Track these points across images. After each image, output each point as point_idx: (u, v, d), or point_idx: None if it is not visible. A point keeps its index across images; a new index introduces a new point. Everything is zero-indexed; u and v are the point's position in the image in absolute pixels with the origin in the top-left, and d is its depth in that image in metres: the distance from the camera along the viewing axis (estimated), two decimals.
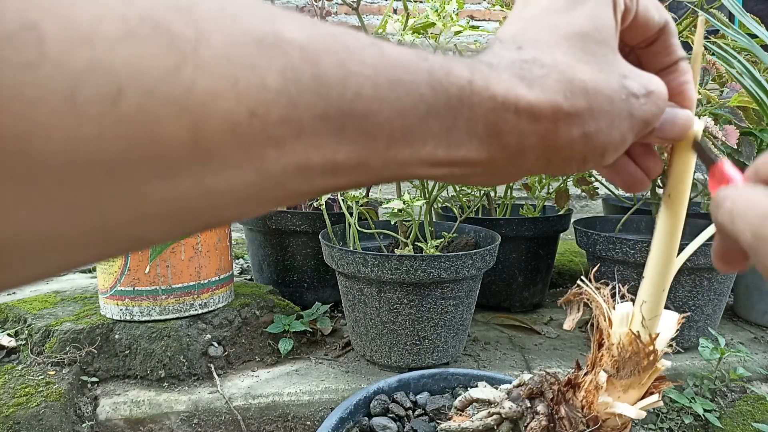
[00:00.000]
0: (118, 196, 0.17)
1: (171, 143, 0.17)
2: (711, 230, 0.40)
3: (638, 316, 0.39)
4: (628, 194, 1.64)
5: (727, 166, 0.32)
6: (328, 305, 1.41)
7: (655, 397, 0.41)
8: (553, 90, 0.26)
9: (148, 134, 0.17)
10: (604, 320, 0.40)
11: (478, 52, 0.27)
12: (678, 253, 0.38)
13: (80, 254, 0.19)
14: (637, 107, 0.28)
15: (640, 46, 0.34)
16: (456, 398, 0.66)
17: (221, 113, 0.18)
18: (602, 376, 0.41)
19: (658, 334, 0.39)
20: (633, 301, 0.40)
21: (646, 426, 1.15)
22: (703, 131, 1.08)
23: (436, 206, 1.60)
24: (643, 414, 0.41)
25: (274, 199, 0.22)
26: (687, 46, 1.54)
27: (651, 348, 0.39)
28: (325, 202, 1.24)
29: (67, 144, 0.16)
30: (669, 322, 0.42)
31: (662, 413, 1.16)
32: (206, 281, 1.22)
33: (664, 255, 0.37)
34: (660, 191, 1.17)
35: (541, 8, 0.30)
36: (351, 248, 1.21)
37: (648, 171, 0.35)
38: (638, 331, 0.39)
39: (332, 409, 0.93)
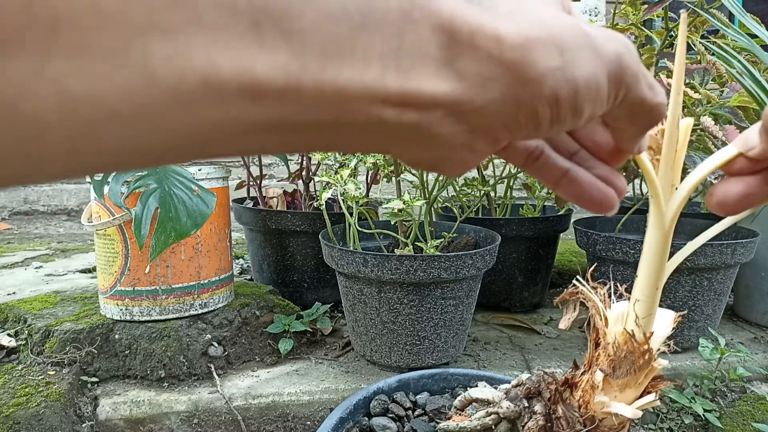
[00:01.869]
0: None
1: None
2: (711, 232, 0.40)
3: (632, 314, 0.39)
4: (628, 194, 1.64)
5: None
6: (328, 305, 1.42)
7: (651, 397, 0.41)
8: (507, 16, 0.23)
9: None
10: (600, 319, 0.40)
11: None
12: (676, 252, 0.38)
13: None
14: (599, 43, 0.25)
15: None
16: (456, 398, 0.66)
17: None
18: (598, 376, 0.41)
19: (652, 333, 0.39)
20: (630, 300, 0.40)
21: (646, 426, 1.15)
22: (703, 131, 1.08)
23: (436, 206, 1.60)
24: (640, 414, 0.41)
25: (181, 130, 0.17)
26: (688, 46, 1.54)
27: (646, 347, 0.39)
28: (325, 202, 1.24)
29: None
30: (665, 321, 0.42)
31: (662, 413, 1.16)
32: (206, 281, 1.22)
33: (656, 253, 0.37)
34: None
35: None
36: (351, 248, 1.21)
37: (615, 187, 0.31)
38: (632, 330, 0.39)
39: (332, 409, 0.93)
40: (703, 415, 1.11)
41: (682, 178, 0.36)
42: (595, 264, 1.31)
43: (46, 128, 0.15)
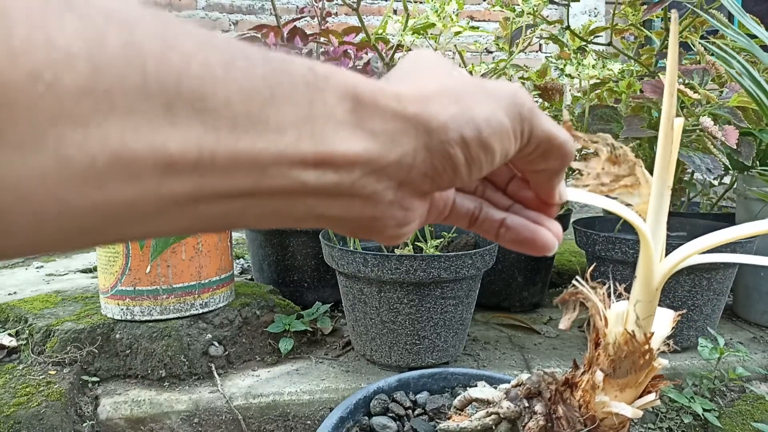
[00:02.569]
0: None
1: None
2: (719, 236, 0.40)
3: (632, 315, 0.39)
4: None
5: None
6: (329, 305, 1.42)
7: (652, 396, 0.41)
8: (404, 81, 0.26)
9: None
10: (600, 319, 0.41)
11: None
12: (674, 251, 0.38)
13: None
14: (492, 87, 0.27)
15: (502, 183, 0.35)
16: (455, 398, 0.66)
17: None
18: (599, 376, 0.41)
19: (653, 333, 0.39)
20: (630, 300, 0.41)
21: (645, 425, 1.15)
22: (703, 131, 1.08)
23: None
24: (640, 413, 0.41)
25: (99, 211, 0.18)
26: (687, 47, 1.54)
27: (646, 347, 0.39)
28: None
29: None
30: (664, 321, 0.42)
31: (661, 413, 1.16)
32: (207, 281, 1.22)
33: (653, 253, 0.37)
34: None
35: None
36: (351, 248, 1.21)
37: (549, 229, 0.35)
38: (633, 330, 0.39)
39: (332, 408, 0.93)
40: (703, 414, 1.11)
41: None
42: (594, 264, 1.31)
43: None
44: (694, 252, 0.39)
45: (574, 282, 0.41)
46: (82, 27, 0.16)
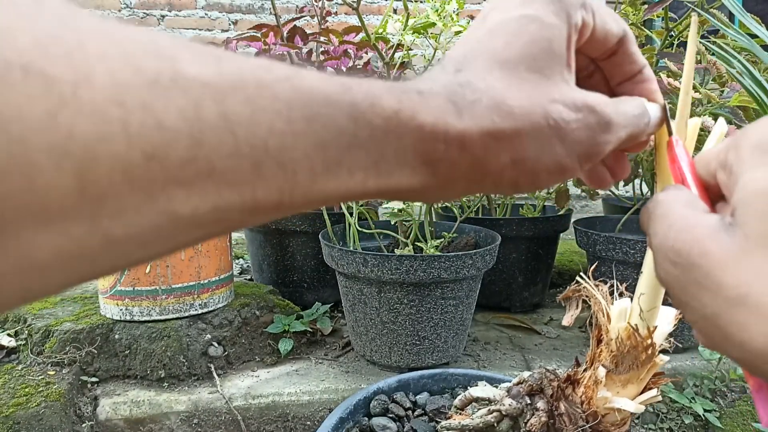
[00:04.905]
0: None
1: (54, 190, 0.17)
2: None
3: (636, 309, 0.39)
4: (628, 194, 1.64)
5: (678, 147, 0.32)
6: (328, 305, 1.41)
7: (654, 392, 0.41)
8: (481, 116, 0.26)
9: (26, 183, 0.16)
10: (603, 316, 0.40)
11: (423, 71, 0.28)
12: None
13: None
14: (567, 132, 0.28)
15: (601, 58, 0.34)
16: (455, 398, 0.66)
17: (110, 157, 0.17)
18: (601, 371, 0.41)
19: (656, 327, 0.39)
20: (632, 298, 0.40)
21: (646, 426, 1.15)
22: (703, 130, 1.08)
23: (436, 206, 1.60)
24: (642, 408, 0.41)
25: (193, 239, 0.22)
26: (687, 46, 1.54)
27: (649, 341, 0.39)
28: None
29: None
30: (667, 317, 0.42)
31: (662, 413, 1.16)
32: (206, 281, 1.22)
33: None
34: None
35: (487, 29, 0.29)
36: (351, 248, 1.21)
37: (614, 173, 0.35)
38: (636, 324, 0.39)
39: (332, 409, 0.93)
40: (703, 415, 1.11)
41: None
42: (596, 264, 1.31)
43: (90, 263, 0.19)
44: None
45: (577, 279, 0.41)
46: (184, 103, 0.19)
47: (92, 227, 0.18)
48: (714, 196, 0.29)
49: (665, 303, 0.41)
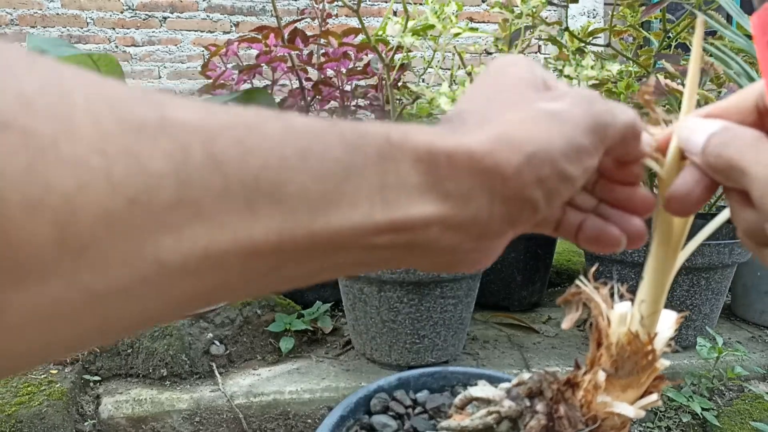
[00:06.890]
0: None
1: (29, 245, 0.16)
2: (709, 229, 0.40)
3: (637, 315, 0.39)
4: None
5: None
6: (329, 304, 1.42)
7: (654, 397, 0.42)
8: (475, 129, 0.26)
9: (3, 238, 0.16)
10: (603, 320, 0.41)
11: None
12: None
13: None
14: (567, 112, 0.27)
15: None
16: (455, 396, 0.66)
17: (91, 205, 0.17)
18: (601, 376, 0.41)
19: (656, 334, 0.40)
20: (632, 300, 0.41)
21: (644, 424, 1.16)
22: None
23: None
24: (642, 413, 0.42)
25: (190, 292, 0.20)
26: (686, 48, 1.54)
27: (650, 347, 0.39)
28: None
29: None
30: (668, 322, 0.42)
31: (660, 412, 1.17)
32: None
33: (665, 254, 0.37)
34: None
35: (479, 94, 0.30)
36: None
37: (627, 227, 0.32)
38: (637, 331, 0.39)
39: (333, 407, 0.94)
40: (701, 413, 1.12)
41: None
42: (597, 264, 1.32)
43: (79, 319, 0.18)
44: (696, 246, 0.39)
45: (576, 282, 0.42)
46: (170, 148, 0.18)
47: (72, 282, 0.17)
48: None
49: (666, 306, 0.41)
